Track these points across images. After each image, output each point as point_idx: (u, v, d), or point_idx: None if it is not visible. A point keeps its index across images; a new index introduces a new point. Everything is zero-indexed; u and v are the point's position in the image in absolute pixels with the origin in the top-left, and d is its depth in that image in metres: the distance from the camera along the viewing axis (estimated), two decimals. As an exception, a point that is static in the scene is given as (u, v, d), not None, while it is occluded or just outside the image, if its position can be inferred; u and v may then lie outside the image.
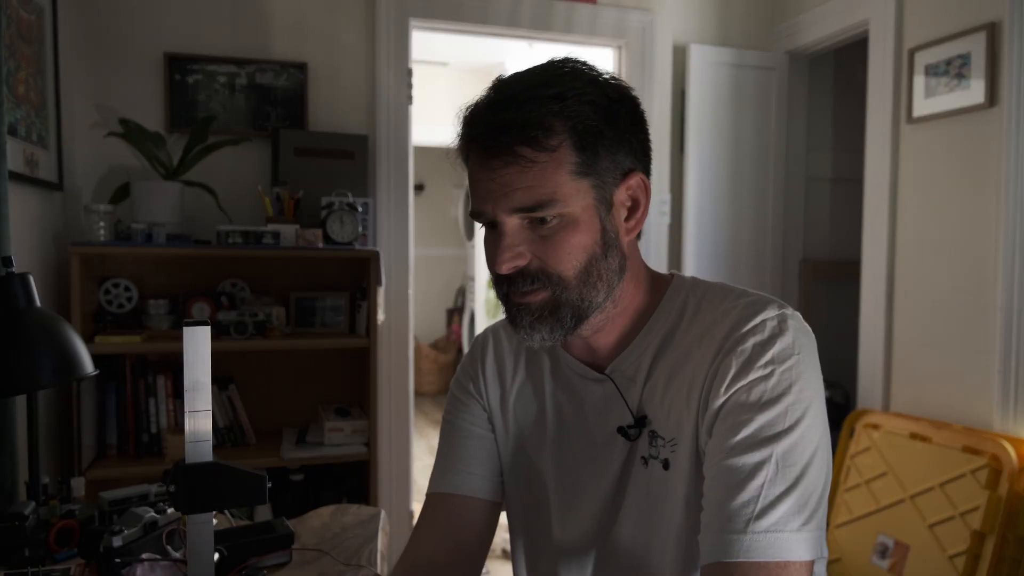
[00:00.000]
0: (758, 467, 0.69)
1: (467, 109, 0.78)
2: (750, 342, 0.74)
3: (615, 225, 0.78)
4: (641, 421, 0.82)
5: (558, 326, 0.78)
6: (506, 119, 0.72)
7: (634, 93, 0.81)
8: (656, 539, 0.81)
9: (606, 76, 0.79)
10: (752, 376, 0.73)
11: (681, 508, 0.78)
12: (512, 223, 0.75)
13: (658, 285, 0.86)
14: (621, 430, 0.83)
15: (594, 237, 0.76)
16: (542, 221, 0.74)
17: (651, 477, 0.81)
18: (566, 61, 0.78)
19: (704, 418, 0.76)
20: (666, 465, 0.80)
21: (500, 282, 0.79)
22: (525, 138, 0.71)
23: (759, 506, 0.68)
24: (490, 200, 0.75)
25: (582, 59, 0.79)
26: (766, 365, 0.73)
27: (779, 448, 0.70)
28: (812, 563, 0.68)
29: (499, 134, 0.72)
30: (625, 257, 0.80)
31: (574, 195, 0.74)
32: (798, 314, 0.78)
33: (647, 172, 0.81)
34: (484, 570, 2.95)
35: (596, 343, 0.85)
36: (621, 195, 0.78)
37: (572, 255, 0.75)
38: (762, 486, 0.68)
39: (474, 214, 0.78)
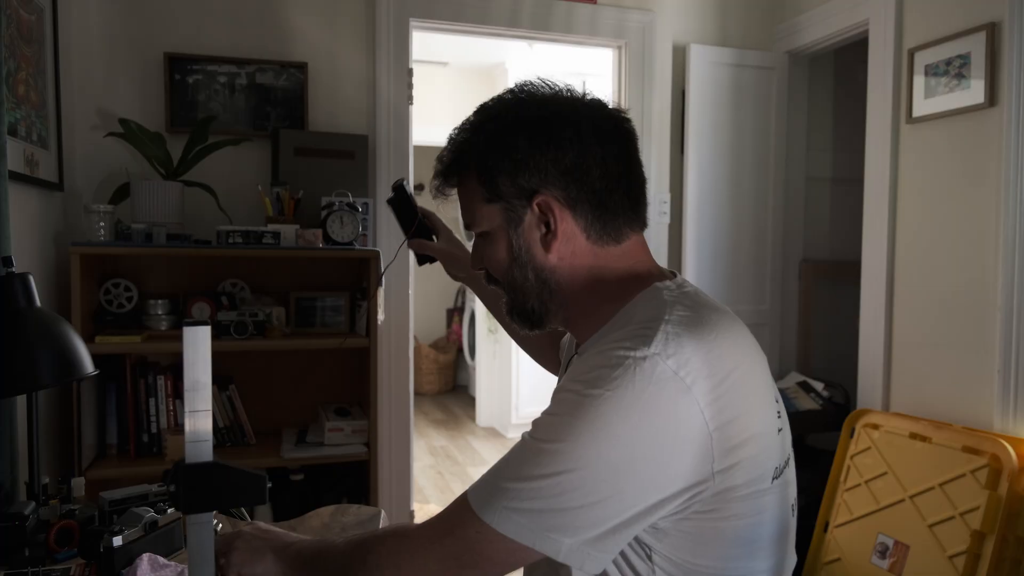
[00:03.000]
0: (517, 443, 0.77)
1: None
2: (596, 359, 0.76)
3: (525, 243, 0.87)
4: None
5: (525, 320, 0.92)
6: (444, 161, 0.91)
7: (584, 110, 0.86)
8: None
9: (548, 97, 0.87)
10: (570, 385, 0.76)
11: None
12: (474, 235, 0.93)
13: (633, 291, 0.86)
14: None
15: (504, 252, 0.88)
16: (479, 235, 0.91)
17: None
18: (507, 92, 0.90)
19: None
20: None
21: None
22: (447, 176, 0.91)
23: (494, 466, 0.77)
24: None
25: (532, 85, 0.89)
26: (581, 382, 0.75)
27: (535, 439, 0.75)
28: (506, 543, 0.72)
29: (442, 175, 0.92)
30: (543, 271, 0.86)
31: (487, 217, 0.88)
32: (669, 364, 0.72)
33: (580, 186, 0.83)
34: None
35: (576, 333, 0.94)
36: (532, 217, 0.85)
37: (495, 265, 0.91)
38: (508, 456, 0.77)
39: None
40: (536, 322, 0.91)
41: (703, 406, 0.72)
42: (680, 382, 0.72)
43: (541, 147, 0.83)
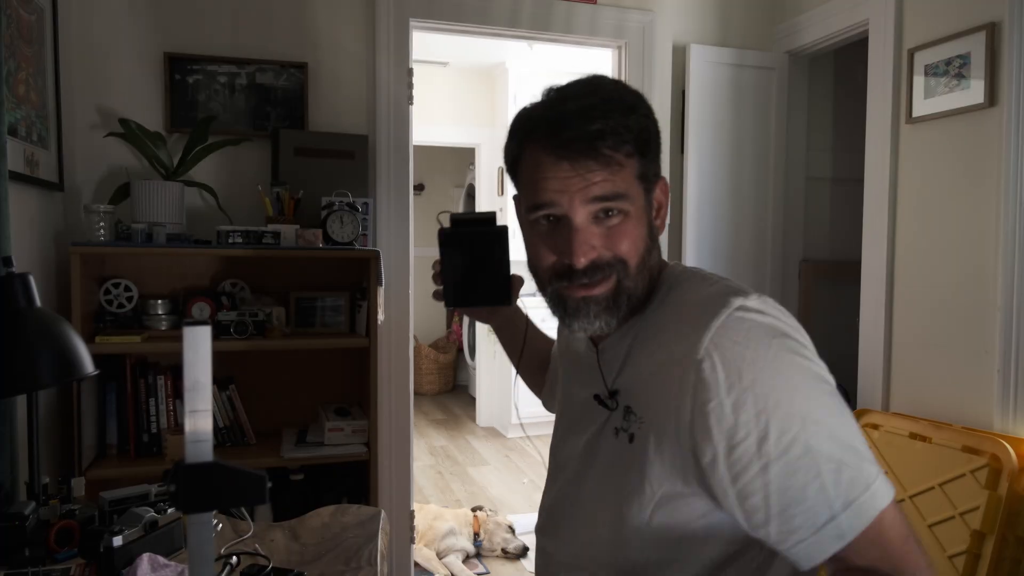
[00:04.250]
0: (808, 457, 0.72)
1: (539, 114, 0.86)
2: (714, 358, 0.76)
3: (653, 223, 0.89)
4: (614, 394, 0.90)
5: (616, 313, 0.86)
6: (601, 127, 0.81)
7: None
8: (610, 504, 0.86)
9: (645, 98, 0.90)
10: (745, 384, 0.74)
11: (633, 481, 0.83)
12: (582, 218, 0.83)
13: (656, 274, 0.93)
14: (597, 397, 0.92)
15: (645, 231, 0.87)
16: (606, 215, 0.83)
17: (618, 447, 0.87)
18: (614, 80, 0.90)
19: (693, 426, 0.77)
20: (631, 439, 0.85)
21: (561, 277, 0.86)
22: (615, 144, 0.82)
23: (831, 485, 0.71)
24: (567, 192, 0.82)
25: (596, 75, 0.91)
26: (751, 367, 0.74)
27: (810, 429, 0.73)
28: (892, 504, 0.74)
29: (596, 139, 0.81)
30: (659, 251, 0.92)
31: (636, 195, 0.85)
32: (761, 299, 0.79)
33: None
34: (484, 570, 2.96)
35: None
36: (655, 197, 0.90)
37: (635, 245, 0.85)
38: (820, 470, 0.72)
39: (539, 206, 0.85)
40: (625, 309, 0.87)
41: None
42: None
43: (658, 137, 0.89)
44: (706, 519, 0.80)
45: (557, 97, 0.86)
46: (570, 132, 0.81)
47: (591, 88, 0.86)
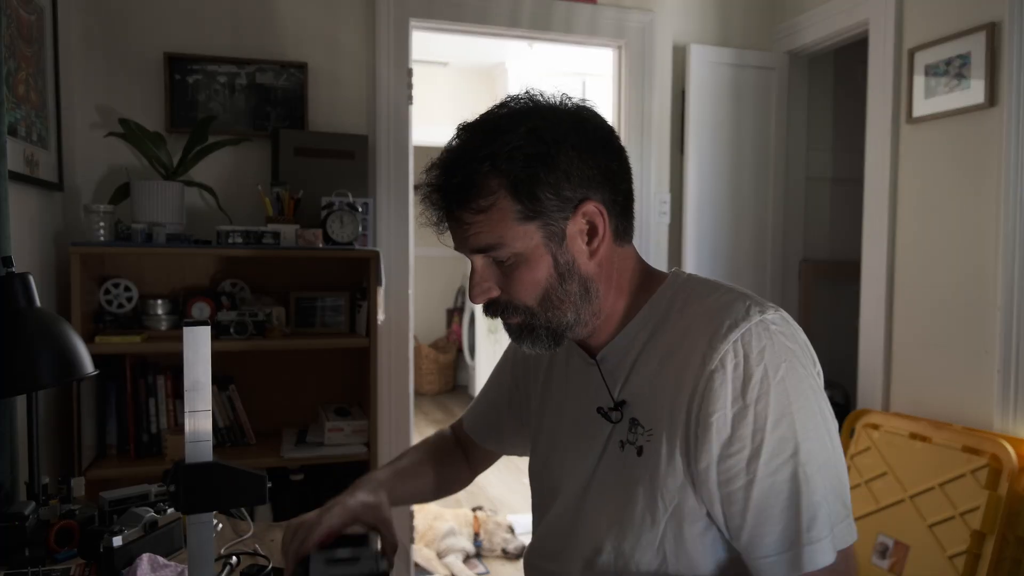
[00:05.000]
0: (791, 483, 0.75)
1: (424, 170, 0.86)
2: (735, 360, 0.77)
3: (571, 255, 0.83)
4: (620, 405, 0.87)
5: (539, 342, 0.87)
6: (451, 185, 0.81)
7: (588, 114, 0.86)
8: (615, 521, 0.85)
9: (556, 104, 0.84)
10: (752, 395, 0.76)
11: (643, 495, 0.82)
12: (479, 261, 0.84)
13: (651, 284, 0.91)
14: (600, 411, 0.89)
15: (547, 271, 0.83)
16: (502, 260, 0.83)
17: (624, 461, 0.85)
18: (508, 104, 0.84)
19: (704, 433, 0.78)
20: (640, 452, 0.84)
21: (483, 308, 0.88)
22: (461, 202, 0.80)
23: (805, 518, 0.74)
24: (457, 241, 0.85)
25: (530, 94, 0.85)
26: (761, 382, 0.76)
27: (802, 458, 0.75)
28: (850, 548, 0.78)
29: (448, 201, 0.82)
30: (588, 279, 0.85)
31: (521, 237, 0.80)
32: (779, 313, 0.80)
33: (614, 189, 0.85)
34: (484, 570, 2.96)
35: (595, 339, 0.91)
36: (575, 226, 0.83)
37: (529, 289, 0.83)
38: (798, 502, 0.75)
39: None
40: (559, 339, 0.87)
41: None
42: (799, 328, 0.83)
43: (587, 152, 0.82)
44: (711, 534, 0.81)
45: (446, 147, 0.85)
46: (435, 193, 0.83)
47: (461, 135, 0.84)
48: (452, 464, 1.17)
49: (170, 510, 1.17)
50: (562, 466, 0.95)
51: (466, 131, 0.84)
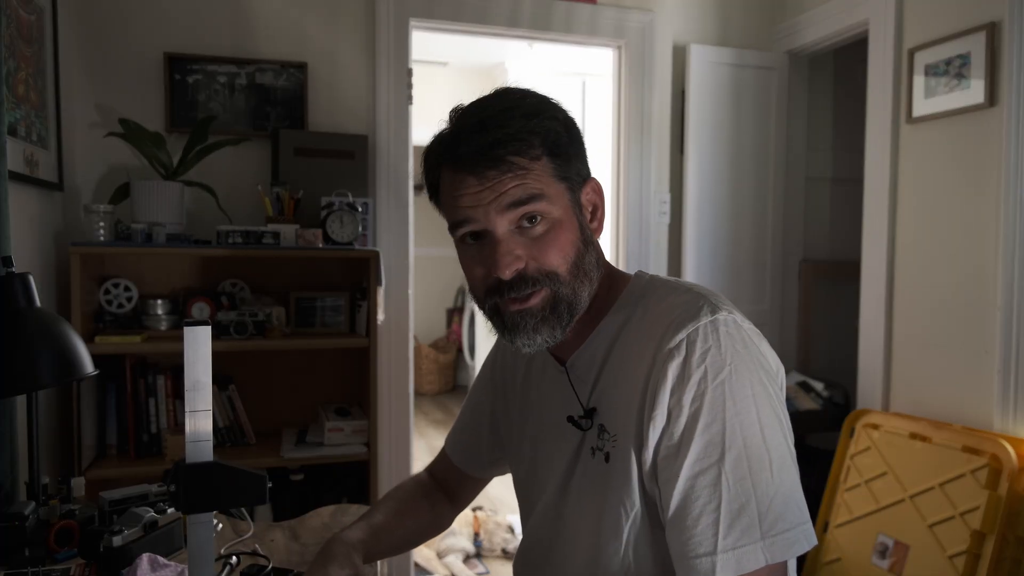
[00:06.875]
0: (712, 488, 0.73)
1: (444, 135, 0.85)
2: (678, 359, 0.76)
3: (587, 224, 0.86)
4: (590, 413, 0.87)
5: (557, 324, 0.83)
6: (497, 135, 0.80)
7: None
8: (594, 531, 0.84)
9: (555, 100, 0.88)
10: (688, 395, 0.75)
11: (615, 501, 0.82)
12: (503, 228, 0.80)
13: (615, 284, 0.91)
14: (571, 419, 0.89)
15: (576, 234, 0.83)
16: (531, 221, 0.81)
17: (597, 468, 0.85)
18: (521, 89, 0.87)
19: (648, 430, 0.78)
20: (607, 458, 0.84)
21: (493, 292, 0.83)
22: (517, 149, 0.80)
23: (722, 526, 0.72)
24: (481, 205, 0.80)
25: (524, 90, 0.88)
26: (699, 383, 0.75)
27: (727, 465, 0.73)
28: (784, 563, 0.74)
29: (494, 148, 0.79)
30: (599, 254, 0.88)
31: (556, 196, 0.82)
32: (733, 315, 0.79)
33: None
34: (484, 570, 2.96)
35: (567, 340, 0.89)
36: (585, 198, 0.87)
37: (563, 252, 0.82)
38: (718, 507, 0.72)
39: (459, 224, 0.83)
40: (570, 320, 0.84)
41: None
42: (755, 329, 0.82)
43: (582, 139, 0.88)
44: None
45: (458, 116, 0.85)
46: (469, 146, 0.80)
47: (491, 100, 0.84)
48: (431, 508, 1.13)
49: (170, 510, 1.17)
50: (542, 475, 0.95)
51: (506, 92, 0.86)
